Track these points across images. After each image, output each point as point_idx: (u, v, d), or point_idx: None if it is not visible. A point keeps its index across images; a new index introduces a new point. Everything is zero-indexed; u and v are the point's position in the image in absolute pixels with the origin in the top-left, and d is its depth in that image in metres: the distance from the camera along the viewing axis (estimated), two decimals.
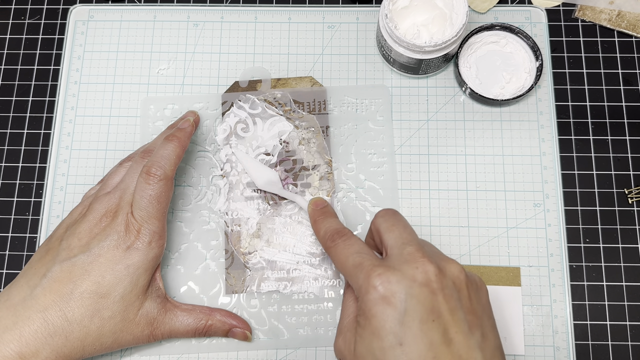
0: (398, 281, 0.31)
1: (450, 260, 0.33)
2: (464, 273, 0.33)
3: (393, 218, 0.36)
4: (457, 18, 0.43)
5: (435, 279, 0.31)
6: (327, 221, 0.39)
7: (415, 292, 0.31)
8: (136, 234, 0.37)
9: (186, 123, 0.42)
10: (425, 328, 0.30)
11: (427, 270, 0.31)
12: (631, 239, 0.45)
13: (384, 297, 0.31)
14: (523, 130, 0.47)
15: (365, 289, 0.31)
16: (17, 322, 0.35)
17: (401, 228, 0.35)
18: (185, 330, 0.40)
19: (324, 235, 0.38)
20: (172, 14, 0.50)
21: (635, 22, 0.49)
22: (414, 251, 0.32)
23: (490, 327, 0.33)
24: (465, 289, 0.32)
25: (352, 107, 0.47)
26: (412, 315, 0.30)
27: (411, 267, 0.31)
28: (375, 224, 0.36)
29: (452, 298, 0.31)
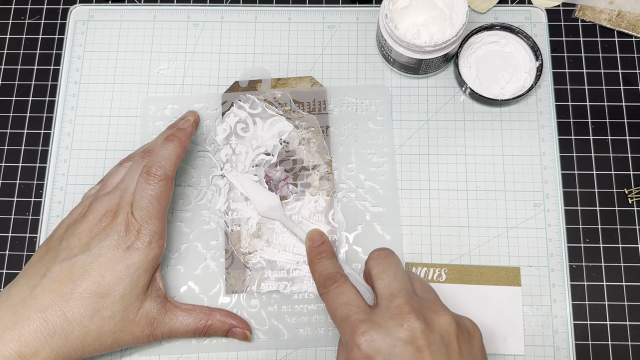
0: (382, 339, 0.31)
1: (440, 312, 0.33)
2: (454, 325, 0.32)
3: (385, 262, 0.35)
4: (457, 18, 0.43)
5: (422, 336, 0.31)
6: (322, 264, 0.39)
7: (399, 350, 0.30)
8: (136, 234, 0.37)
9: (186, 123, 0.42)
10: None
11: (412, 328, 0.31)
12: (631, 239, 0.45)
13: (367, 356, 0.31)
14: (523, 130, 0.47)
15: (350, 346, 0.32)
16: (17, 322, 0.35)
17: (391, 275, 0.34)
18: (185, 330, 0.40)
19: (317, 279, 0.38)
20: (172, 14, 0.50)
21: (635, 22, 0.49)
22: (402, 304, 0.32)
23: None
24: (455, 341, 0.32)
25: (352, 107, 0.47)
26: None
27: (396, 324, 0.31)
28: (367, 267, 0.36)
29: (440, 354, 0.31)
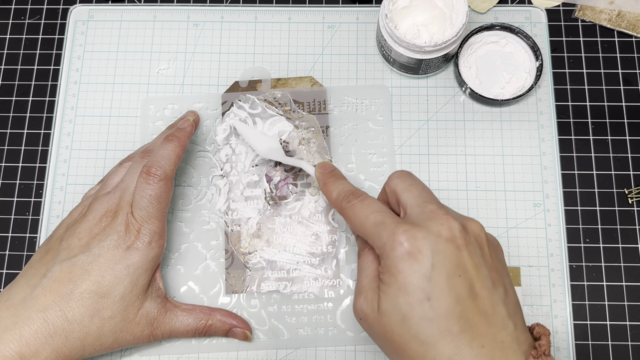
0: (424, 237, 0.31)
1: (471, 219, 0.33)
2: (484, 231, 0.33)
3: (410, 178, 0.35)
4: (457, 18, 0.43)
5: (460, 235, 0.31)
6: (339, 183, 0.38)
7: (441, 247, 0.31)
8: (136, 233, 0.37)
9: (186, 123, 0.42)
10: (452, 283, 0.30)
11: (451, 227, 0.31)
12: (631, 239, 0.45)
13: (410, 253, 0.30)
14: (523, 130, 0.47)
15: (391, 245, 0.31)
16: (17, 322, 0.35)
17: (420, 188, 0.35)
18: (185, 330, 0.40)
19: (337, 197, 0.37)
20: (172, 14, 0.50)
21: (635, 22, 0.49)
22: (436, 209, 0.32)
23: (510, 283, 0.33)
24: (486, 246, 0.33)
25: (352, 107, 0.47)
26: (439, 271, 0.30)
27: (436, 224, 0.31)
28: (390, 185, 0.36)
29: (476, 254, 0.32)
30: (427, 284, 0.30)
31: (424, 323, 0.30)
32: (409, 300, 0.30)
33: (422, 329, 0.30)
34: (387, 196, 0.36)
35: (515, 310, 0.32)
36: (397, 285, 0.31)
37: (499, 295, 0.31)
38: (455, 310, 0.30)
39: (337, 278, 0.44)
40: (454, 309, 0.30)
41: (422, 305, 0.30)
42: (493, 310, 0.31)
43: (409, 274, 0.30)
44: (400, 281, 0.30)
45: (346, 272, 0.44)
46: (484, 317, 0.30)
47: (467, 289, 0.30)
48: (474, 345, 0.29)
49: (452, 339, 0.29)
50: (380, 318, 0.31)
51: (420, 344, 0.30)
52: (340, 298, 0.43)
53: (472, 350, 0.29)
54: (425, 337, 0.30)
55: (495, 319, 0.30)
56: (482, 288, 0.31)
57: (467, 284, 0.30)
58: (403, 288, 0.30)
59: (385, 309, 0.31)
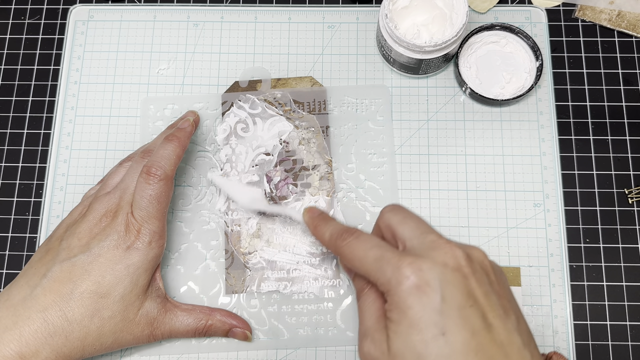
0: (430, 268, 0.29)
1: (473, 247, 0.32)
2: (487, 258, 0.32)
3: (403, 211, 0.34)
4: (457, 18, 0.43)
5: (465, 264, 0.30)
6: (330, 223, 0.37)
7: (449, 277, 0.29)
8: (136, 234, 0.37)
9: (186, 123, 0.42)
10: (465, 314, 0.29)
11: (456, 255, 0.30)
12: (631, 239, 0.45)
13: (418, 286, 0.29)
14: (523, 130, 0.47)
15: (397, 280, 0.30)
16: (17, 322, 0.35)
17: (415, 219, 0.34)
18: (185, 330, 0.40)
19: (330, 237, 0.36)
20: (172, 14, 0.50)
21: (635, 22, 0.49)
22: (437, 239, 0.32)
23: (519, 310, 0.32)
24: (492, 273, 0.32)
25: (352, 107, 0.47)
26: (450, 303, 0.29)
27: (440, 254, 0.30)
28: (384, 220, 0.35)
29: (484, 282, 0.30)
30: (439, 318, 0.29)
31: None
32: (422, 337, 0.29)
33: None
34: (381, 232, 0.35)
35: (529, 338, 0.31)
36: (408, 323, 0.29)
37: (512, 324, 0.30)
38: (472, 344, 0.28)
39: (337, 278, 0.44)
40: (470, 342, 0.28)
41: (437, 341, 0.28)
42: (509, 340, 0.29)
43: (419, 309, 0.29)
44: (411, 317, 0.29)
45: None
46: (501, 348, 0.29)
47: (480, 319, 0.29)
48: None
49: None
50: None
51: None
52: (340, 298, 0.43)
53: None
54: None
55: (512, 350, 0.29)
56: (495, 317, 0.30)
57: (480, 314, 0.29)
58: (415, 325, 0.29)
59: (397, 349, 0.29)
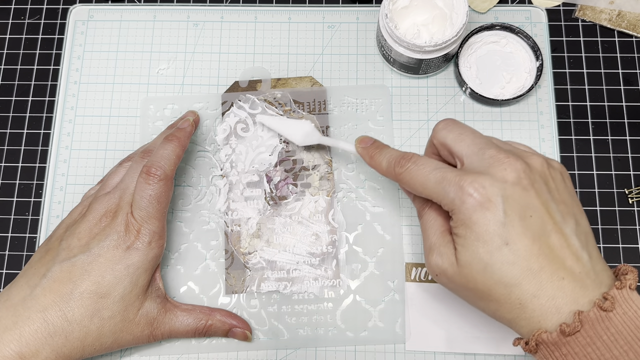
0: (491, 184, 0.31)
1: (531, 155, 0.34)
2: (546, 164, 0.34)
3: (458, 127, 0.35)
4: (457, 18, 0.43)
5: (524, 176, 0.32)
6: (385, 151, 0.38)
7: (509, 192, 0.31)
8: (136, 234, 0.37)
9: (186, 123, 0.42)
10: (526, 224, 0.31)
11: (516, 169, 0.32)
12: (631, 239, 0.45)
13: (481, 202, 0.31)
14: (523, 130, 0.47)
15: (460, 199, 0.32)
16: (17, 322, 0.35)
17: (471, 134, 0.35)
18: (185, 330, 0.40)
19: (388, 165, 0.36)
20: (172, 14, 0.50)
21: (636, 22, 0.49)
22: (496, 153, 0.33)
23: (580, 212, 0.34)
24: (550, 180, 0.33)
25: (352, 107, 0.47)
26: (512, 215, 0.31)
27: (499, 169, 0.32)
28: (438, 138, 0.36)
29: (543, 191, 0.32)
30: (503, 230, 0.31)
31: (506, 267, 0.31)
32: (488, 248, 0.31)
33: (505, 272, 0.31)
34: (436, 149, 0.36)
35: (587, 239, 0.33)
36: (474, 236, 0.31)
37: (570, 228, 0.32)
38: (533, 249, 0.31)
39: (337, 278, 0.43)
40: (531, 248, 0.31)
41: (501, 251, 0.31)
42: (567, 243, 0.31)
43: (484, 223, 0.31)
44: (477, 232, 0.31)
45: (346, 272, 0.44)
46: (559, 250, 0.31)
47: (540, 227, 0.31)
48: (554, 278, 0.30)
49: (534, 277, 0.30)
50: (460, 270, 0.32)
51: (505, 287, 0.31)
52: (340, 298, 0.43)
53: (553, 283, 0.30)
54: (509, 279, 0.31)
55: (570, 252, 0.31)
56: (554, 223, 0.32)
57: (540, 223, 0.31)
58: (481, 238, 0.31)
59: (465, 260, 0.32)
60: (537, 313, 0.31)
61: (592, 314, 0.29)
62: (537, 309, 0.30)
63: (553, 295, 0.30)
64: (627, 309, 0.29)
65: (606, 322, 0.29)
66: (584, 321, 0.29)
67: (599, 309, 0.29)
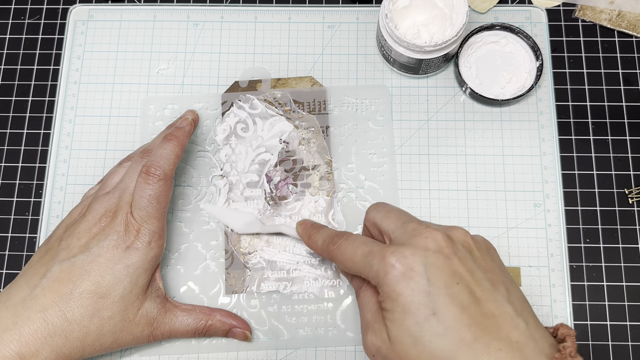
0: (413, 254, 0.31)
1: (454, 227, 0.34)
2: (469, 236, 0.33)
3: (385, 207, 0.36)
4: (457, 18, 0.43)
5: (446, 244, 0.32)
6: (322, 231, 0.38)
7: (431, 260, 0.31)
8: (135, 233, 0.37)
9: (184, 122, 0.42)
10: (452, 292, 0.30)
11: (436, 238, 0.32)
12: (631, 239, 0.45)
13: (403, 273, 0.31)
14: (523, 130, 0.47)
15: (384, 271, 0.31)
16: (17, 322, 0.35)
17: (397, 212, 0.35)
18: (185, 331, 0.40)
19: (322, 243, 0.37)
20: (172, 14, 0.50)
21: (636, 22, 0.49)
22: (417, 225, 0.33)
23: (510, 281, 0.33)
24: (475, 250, 0.33)
25: (352, 107, 0.47)
26: (436, 284, 0.30)
27: (420, 239, 0.32)
28: (369, 219, 0.36)
29: (467, 260, 0.32)
30: (428, 299, 0.30)
31: (436, 339, 0.30)
32: (415, 320, 0.30)
33: (436, 345, 0.30)
34: (369, 231, 0.37)
35: (523, 307, 0.32)
36: (401, 309, 0.31)
37: (502, 295, 0.31)
38: (463, 318, 0.30)
39: (337, 278, 0.43)
40: (461, 317, 0.30)
41: (429, 322, 0.30)
42: (500, 311, 0.30)
43: (408, 294, 0.30)
44: (402, 303, 0.30)
45: None
46: (492, 319, 0.30)
47: (468, 295, 0.30)
48: (491, 350, 0.29)
49: (468, 349, 0.29)
50: (392, 347, 0.31)
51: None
52: (340, 298, 0.43)
53: (490, 355, 0.29)
54: (441, 352, 0.29)
55: (504, 320, 0.30)
56: (483, 291, 0.31)
57: (467, 290, 0.30)
58: (407, 310, 0.30)
59: (395, 336, 0.31)
60: None
61: None
62: None
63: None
64: None
65: None
66: None
67: None
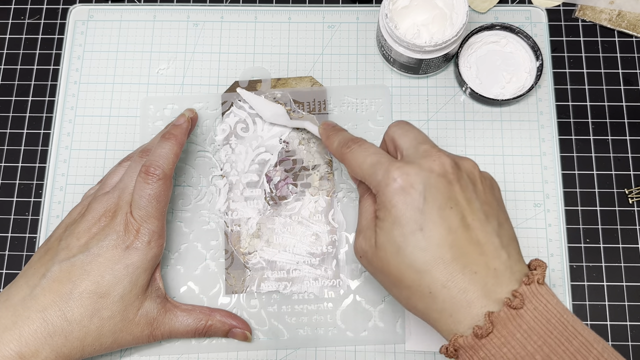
0: (416, 173, 0.32)
1: (465, 157, 0.35)
2: (477, 168, 0.34)
3: (407, 125, 0.36)
4: (458, 18, 0.43)
5: (452, 170, 0.33)
6: (340, 133, 0.39)
7: (432, 181, 0.32)
8: (135, 233, 0.37)
9: (182, 119, 0.42)
10: (444, 214, 0.31)
11: (443, 163, 0.33)
12: (631, 239, 0.45)
13: (403, 187, 0.32)
14: (523, 130, 0.47)
15: (385, 182, 0.33)
16: (17, 322, 0.35)
17: (415, 132, 0.36)
18: (185, 331, 0.40)
19: (338, 144, 0.38)
20: (172, 14, 0.50)
21: (636, 22, 0.49)
22: (429, 148, 0.34)
23: (505, 218, 0.34)
24: (479, 182, 0.34)
25: (352, 107, 0.47)
26: (431, 203, 0.31)
27: (428, 160, 0.33)
28: (389, 133, 0.37)
29: (468, 189, 0.33)
30: (419, 215, 0.31)
31: (417, 252, 0.31)
32: (403, 231, 0.31)
33: (416, 257, 0.31)
34: (386, 145, 0.38)
35: (510, 241, 0.33)
36: (392, 219, 0.32)
37: (492, 227, 0.32)
38: (448, 239, 0.31)
39: (337, 278, 0.43)
40: (445, 238, 0.31)
41: (415, 235, 0.31)
42: (486, 240, 0.31)
43: (402, 207, 0.32)
44: (394, 215, 0.32)
45: (346, 272, 0.44)
46: (477, 246, 0.31)
47: (458, 220, 0.31)
48: (467, 271, 0.30)
49: (445, 267, 0.30)
50: (377, 252, 0.33)
51: (415, 272, 0.31)
52: (340, 298, 0.43)
53: (465, 276, 0.30)
54: (419, 265, 0.31)
55: (488, 249, 0.31)
56: (474, 220, 0.32)
57: (459, 216, 0.32)
58: (397, 221, 0.32)
59: (381, 242, 0.32)
60: (448, 305, 0.30)
61: (503, 314, 0.29)
62: (448, 301, 0.30)
63: (464, 288, 0.30)
64: (537, 303, 0.29)
65: (517, 320, 0.29)
66: (496, 322, 0.29)
67: (508, 308, 0.29)
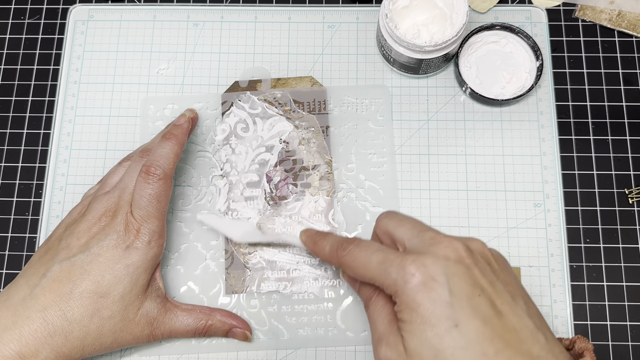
0: (433, 263, 0.30)
1: (471, 238, 0.32)
2: (487, 248, 0.32)
3: (398, 215, 0.35)
4: (458, 18, 0.43)
5: (466, 255, 0.30)
6: (328, 237, 0.37)
7: (452, 270, 0.30)
8: (135, 233, 0.37)
9: (182, 119, 0.42)
10: (475, 304, 0.29)
11: (456, 248, 0.31)
12: (631, 239, 0.45)
13: (424, 282, 0.29)
14: (523, 130, 0.47)
15: (403, 279, 0.30)
16: (17, 322, 0.35)
17: (411, 220, 0.34)
18: (185, 330, 0.40)
19: (331, 249, 0.36)
20: (172, 14, 0.50)
21: (636, 22, 0.49)
22: (435, 234, 0.32)
23: (527, 295, 0.32)
24: (494, 262, 0.32)
25: (352, 107, 0.47)
26: (458, 294, 0.29)
27: (440, 248, 0.31)
28: (380, 227, 0.35)
29: (487, 272, 0.31)
30: (450, 310, 0.29)
31: (458, 352, 0.28)
32: (437, 332, 0.29)
33: (458, 359, 0.28)
34: (379, 239, 0.35)
35: (541, 321, 0.31)
36: (420, 319, 0.29)
37: (521, 309, 0.30)
38: (486, 331, 0.28)
39: (337, 278, 0.43)
40: (484, 330, 0.28)
41: (451, 334, 0.28)
42: (521, 324, 0.29)
43: (429, 304, 0.29)
44: (423, 314, 0.29)
45: None
46: (514, 333, 0.29)
47: (490, 307, 0.29)
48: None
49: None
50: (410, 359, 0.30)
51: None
52: (340, 298, 0.43)
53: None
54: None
55: (525, 334, 0.29)
56: (504, 304, 0.30)
57: (489, 303, 0.29)
58: (428, 321, 0.29)
59: (413, 348, 0.29)
60: None
61: None
62: None
63: None
64: None
65: None
66: None
67: None
